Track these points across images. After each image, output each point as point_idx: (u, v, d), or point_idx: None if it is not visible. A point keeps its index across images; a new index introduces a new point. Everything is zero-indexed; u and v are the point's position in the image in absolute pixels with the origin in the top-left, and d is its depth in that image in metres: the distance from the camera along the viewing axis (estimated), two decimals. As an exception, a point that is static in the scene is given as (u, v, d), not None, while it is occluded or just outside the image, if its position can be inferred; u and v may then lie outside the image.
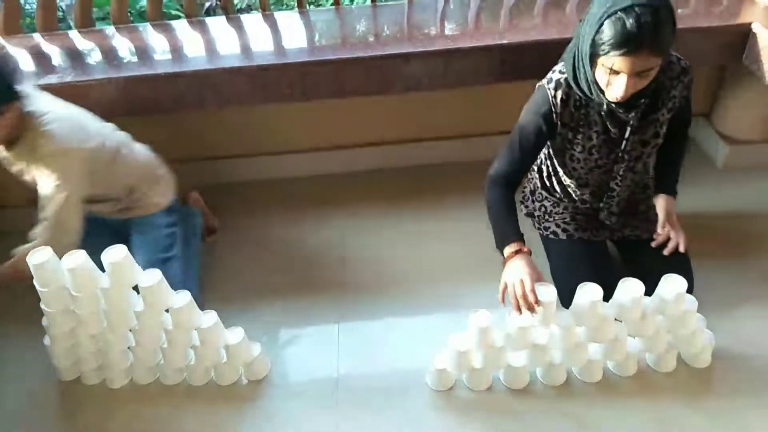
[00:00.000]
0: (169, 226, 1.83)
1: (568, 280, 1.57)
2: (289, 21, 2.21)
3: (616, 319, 1.47)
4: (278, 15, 2.24)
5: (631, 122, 1.49)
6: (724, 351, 1.62)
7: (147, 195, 1.80)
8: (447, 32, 2.01)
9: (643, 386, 1.57)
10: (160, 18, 2.24)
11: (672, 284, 1.41)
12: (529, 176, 1.90)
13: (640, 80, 1.33)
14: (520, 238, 1.52)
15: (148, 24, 2.21)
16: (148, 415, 1.60)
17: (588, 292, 1.40)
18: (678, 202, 1.63)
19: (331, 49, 1.94)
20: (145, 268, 1.46)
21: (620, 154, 1.56)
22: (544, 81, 1.53)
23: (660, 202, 1.62)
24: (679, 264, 1.65)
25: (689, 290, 1.44)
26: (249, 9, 3.93)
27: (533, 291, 1.38)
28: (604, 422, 1.49)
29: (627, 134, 1.51)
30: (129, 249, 1.43)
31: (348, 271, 1.99)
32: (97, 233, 1.68)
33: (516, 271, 1.44)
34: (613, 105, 1.44)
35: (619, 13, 1.26)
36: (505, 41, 1.84)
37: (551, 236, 1.77)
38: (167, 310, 1.48)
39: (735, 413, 1.49)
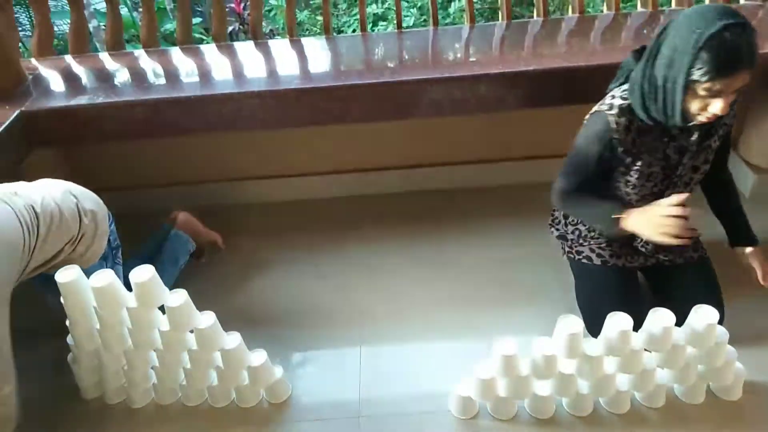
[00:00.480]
0: (110, 241, 1.65)
1: (598, 308, 1.55)
2: (315, 47, 2.25)
3: (645, 350, 1.45)
4: (305, 41, 2.28)
5: (691, 147, 1.50)
6: (755, 384, 1.58)
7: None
8: (471, 58, 2.03)
9: (672, 418, 1.53)
10: (188, 42, 2.28)
11: (703, 315, 1.39)
12: None
13: (732, 98, 1.35)
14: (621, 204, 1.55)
15: (177, 48, 2.26)
16: (169, 435, 1.59)
17: (618, 321, 1.38)
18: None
19: (358, 74, 1.96)
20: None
21: (674, 180, 1.57)
22: (603, 108, 1.53)
23: (753, 256, 1.62)
24: (710, 292, 1.64)
25: (720, 320, 1.42)
26: (272, 34, 4.01)
27: (671, 204, 1.40)
28: (632, 455, 1.46)
29: (685, 159, 1.53)
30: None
31: (369, 296, 1.98)
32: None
33: (643, 217, 1.45)
34: (675, 131, 1.48)
35: (715, 39, 1.27)
36: (531, 68, 1.84)
37: (584, 261, 1.75)
38: (191, 331, 1.49)
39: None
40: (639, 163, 1.54)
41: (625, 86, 1.52)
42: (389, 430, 1.55)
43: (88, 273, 1.44)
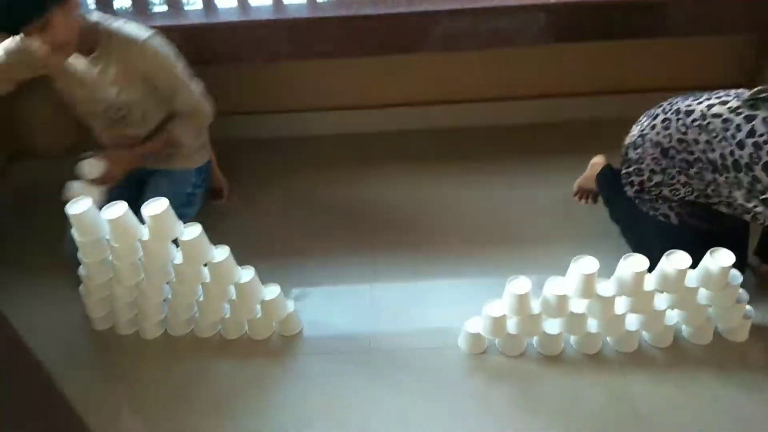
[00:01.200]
0: (195, 186, 1.82)
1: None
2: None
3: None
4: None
5: None
6: (762, 327, 1.60)
7: (190, 146, 1.79)
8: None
9: (678, 358, 1.56)
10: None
11: (717, 259, 1.38)
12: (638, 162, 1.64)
13: None
14: None
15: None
16: (181, 367, 1.61)
17: (632, 263, 1.38)
18: None
19: (372, 5, 1.88)
20: None
21: None
22: None
23: None
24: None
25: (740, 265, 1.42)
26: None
27: None
28: (637, 392, 1.48)
29: None
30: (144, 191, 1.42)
31: (380, 231, 1.98)
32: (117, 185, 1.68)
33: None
34: None
35: None
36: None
37: (661, 218, 1.62)
38: (205, 264, 1.48)
39: (769, 388, 1.48)
40: None
41: None
42: (399, 363, 1.58)
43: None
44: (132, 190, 1.53)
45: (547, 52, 2.16)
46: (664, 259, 1.40)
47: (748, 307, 1.53)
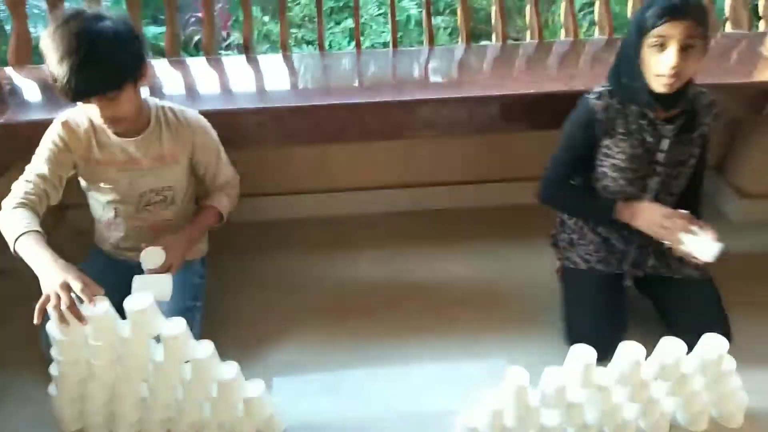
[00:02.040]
0: (201, 277, 1.78)
1: (575, 311, 1.73)
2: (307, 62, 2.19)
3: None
4: (296, 56, 2.23)
5: (668, 134, 1.56)
6: (755, 410, 1.58)
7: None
8: (465, 81, 2.01)
9: (676, 447, 1.53)
10: (177, 54, 2.20)
11: (713, 344, 1.38)
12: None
13: (685, 58, 1.42)
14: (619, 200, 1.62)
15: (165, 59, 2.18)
16: (157, 472, 1.50)
17: (630, 351, 1.36)
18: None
19: (351, 93, 1.92)
20: (172, 312, 1.39)
21: (655, 168, 1.61)
22: (587, 94, 1.63)
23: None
24: (715, 315, 1.67)
25: (727, 336, 1.44)
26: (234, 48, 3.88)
27: (672, 214, 1.51)
28: (640, 486, 1.44)
29: (663, 146, 1.57)
30: None
31: (363, 316, 1.93)
32: (107, 279, 1.59)
33: (642, 214, 1.57)
34: (651, 115, 1.54)
35: None
36: (532, 91, 1.83)
37: (571, 266, 1.80)
38: (187, 361, 1.40)
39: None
40: (621, 144, 1.59)
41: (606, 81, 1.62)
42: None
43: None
44: (124, 285, 1.45)
45: (522, 137, 2.22)
46: (659, 347, 1.38)
47: (742, 392, 1.52)
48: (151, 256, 1.51)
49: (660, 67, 1.43)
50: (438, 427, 1.56)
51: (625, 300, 1.78)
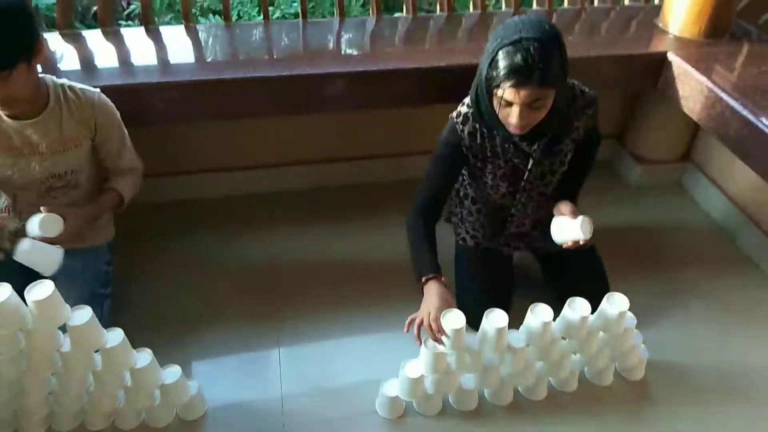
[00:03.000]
0: (108, 264, 1.70)
1: (464, 286, 1.77)
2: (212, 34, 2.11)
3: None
4: (200, 27, 2.14)
5: (534, 155, 1.55)
6: (654, 363, 1.70)
7: (105, 219, 1.69)
8: (377, 54, 2.00)
9: (585, 401, 1.62)
10: (70, 27, 2.05)
11: (615, 303, 1.46)
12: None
13: (532, 112, 1.39)
14: (434, 270, 1.54)
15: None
16: (70, 466, 1.44)
17: (540, 313, 1.42)
18: (594, 220, 1.66)
19: (262, 66, 1.86)
20: (79, 300, 1.32)
21: (523, 185, 1.63)
22: (454, 114, 1.59)
23: (563, 205, 1.62)
24: (595, 278, 1.78)
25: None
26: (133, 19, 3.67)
27: (436, 320, 1.40)
28: (552, 439, 1.52)
29: (530, 165, 1.58)
30: (53, 278, 1.29)
31: (287, 293, 1.92)
32: (6, 268, 1.48)
33: (425, 303, 1.49)
34: (516, 138, 1.51)
35: (508, 46, 1.33)
36: (443, 64, 1.85)
37: (461, 242, 1.85)
38: (96, 350, 1.34)
39: (673, 421, 1.57)
40: (490, 167, 1.62)
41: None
42: (316, 437, 1.51)
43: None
44: (25, 274, 1.35)
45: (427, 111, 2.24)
46: (566, 307, 1.45)
47: (642, 346, 1.63)
48: (49, 222, 1.39)
49: (508, 119, 1.41)
50: (360, 398, 1.59)
51: (510, 272, 1.84)
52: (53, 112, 1.47)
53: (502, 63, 1.33)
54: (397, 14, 3.20)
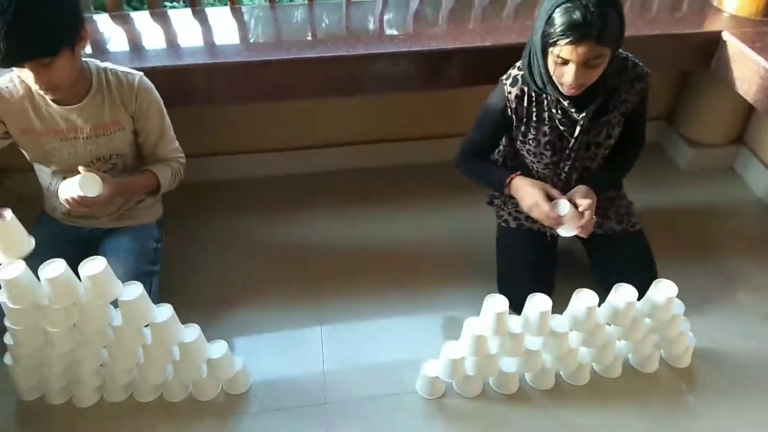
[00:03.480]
0: (157, 241, 1.74)
1: (507, 268, 1.76)
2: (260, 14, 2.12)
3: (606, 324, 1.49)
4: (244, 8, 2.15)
5: (581, 122, 1.53)
6: (700, 350, 1.66)
7: (155, 199, 1.73)
8: (420, 33, 1.98)
9: (629, 387, 1.60)
10: (119, 8, 2.09)
11: (662, 289, 1.43)
12: None
13: (588, 71, 1.39)
14: (510, 171, 1.62)
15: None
16: (121, 434, 1.50)
17: (584, 297, 1.40)
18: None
19: (304, 48, 1.86)
20: (129, 276, 1.36)
21: (568, 152, 1.61)
22: (503, 76, 1.60)
23: (581, 187, 1.58)
24: (641, 265, 1.72)
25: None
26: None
27: (552, 210, 1.51)
28: (594, 424, 1.50)
29: (576, 133, 1.56)
30: (105, 255, 1.33)
31: (322, 273, 1.94)
32: (59, 246, 1.54)
33: (526, 197, 1.56)
34: (565, 103, 1.50)
35: (566, 3, 1.32)
36: (488, 43, 1.82)
37: (503, 224, 1.81)
38: (146, 325, 1.39)
39: (717, 408, 1.54)
40: (533, 132, 1.60)
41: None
42: (356, 414, 1.53)
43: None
44: (77, 252, 1.39)
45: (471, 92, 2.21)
46: (612, 292, 1.43)
47: (690, 334, 1.60)
48: (88, 181, 1.39)
49: (562, 78, 1.41)
50: (400, 377, 1.61)
51: (553, 256, 1.80)
52: (96, 96, 1.49)
53: (559, 20, 1.33)
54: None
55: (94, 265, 1.27)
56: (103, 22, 2.01)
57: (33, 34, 1.25)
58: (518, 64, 1.58)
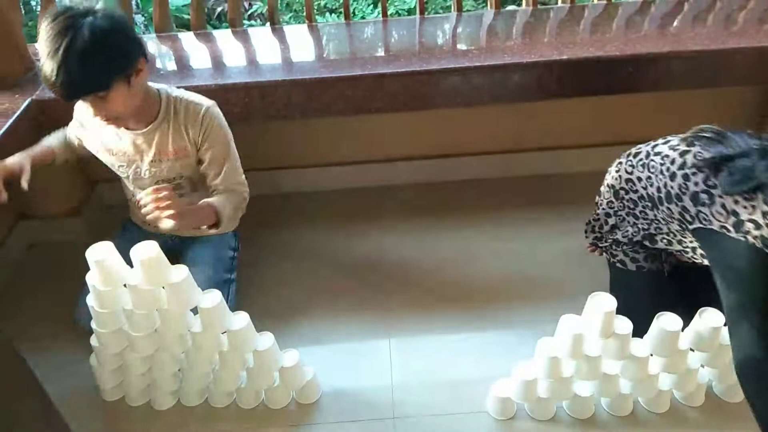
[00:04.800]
0: (234, 250, 1.80)
1: (634, 312, 1.42)
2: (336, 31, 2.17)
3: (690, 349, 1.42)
4: (320, 26, 2.20)
5: None
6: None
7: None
8: (496, 48, 1.97)
9: (712, 416, 1.51)
10: (203, 27, 2.19)
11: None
12: (602, 205, 1.69)
13: None
14: None
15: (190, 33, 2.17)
16: (195, 439, 1.54)
17: (666, 322, 1.35)
18: None
19: (377, 63, 1.88)
20: (207, 284, 1.41)
21: None
22: (730, 229, 1.25)
23: None
24: None
25: None
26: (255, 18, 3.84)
27: None
28: (674, 455, 1.44)
29: None
30: (185, 263, 1.38)
31: (396, 286, 1.94)
32: None
33: None
34: None
35: None
36: (564, 57, 1.79)
37: (618, 264, 1.66)
38: (223, 332, 1.43)
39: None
40: None
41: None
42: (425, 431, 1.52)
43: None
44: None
45: (546, 107, 2.17)
46: (697, 317, 1.37)
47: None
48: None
49: None
50: (470, 396, 1.58)
51: (675, 292, 1.63)
52: (162, 123, 1.53)
53: None
54: (512, 7, 3.14)
55: (177, 273, 1.32)
56: (187, 40, 2.10)
57: (85, 70, 1.27)
58: (748, 206, 1.24)
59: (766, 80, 2.04)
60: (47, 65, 1.26)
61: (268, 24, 2.20)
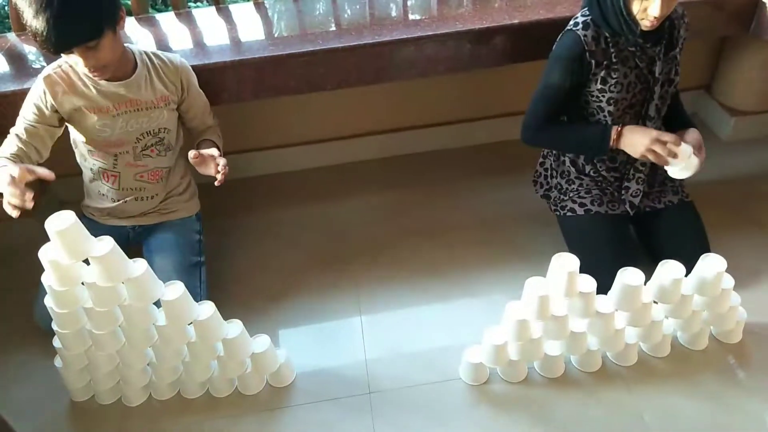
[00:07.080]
0: (199, 233, 1.78)
1: (591, 256, 1.52)
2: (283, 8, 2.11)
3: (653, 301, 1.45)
4: (270, 5, 2.14)
5: (659, 55, 1.53)
6: (752, 326, 1.61)
7: (192, 191, 1.80)
8: (446, 16, 1.94)
9: (678, 365, 1.55)
10: (145, 11, 2.11)
11: (711, 263, 1.39)
12: (543, 154, 1.86)
13: (669, 2, 1.40)
14: (610, 124, 1.58)
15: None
16: (169, 431, 1.52)
17: (629, 277, 1.37)
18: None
19: (329, 38, 1.85)
20: (178, 269, 1.38)
21: (652, 93, 1.58)
22: (570, 24, 1.56)
23: (693, 133, 1.60)
24: (694, 236, 1.68)
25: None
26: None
27: (672, 142, 1.46)
28: (643, 404, 1.47)
29: (656, 69, 1.54)
30: (151, 251, 1.36)
31: (361, 263, 1.94)
32: None
33: (641, 139, 1.49)
34: (640, 41, 1.50)
35: None
36: (516, 21, 1.78)
37: (569, 214, 1.74)
38: (190, 323, 1.40)
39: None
40: (615, 74, 1.55)
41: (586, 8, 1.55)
42: (402, 402, 1.53)
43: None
44: None
45: (503, 72, 2.17)
46: (659, 269, 1.39)
47: (740, 308, 1.55)
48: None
49: (648, 10, 1.41)
50: (443, 365, 1.59)
51: (630, 233, 1.76)
52: (142, 74, 1.57)
53: None
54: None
55: (136, 267, 1.28)
56: (129, 25, 2.03)
57: (78, 20, 1.33)
58: (578, 13, 1.56)
59: (719, 32, 2.07)
60: (38, 21, 1.30)
61: (213, 4, 2.13)
